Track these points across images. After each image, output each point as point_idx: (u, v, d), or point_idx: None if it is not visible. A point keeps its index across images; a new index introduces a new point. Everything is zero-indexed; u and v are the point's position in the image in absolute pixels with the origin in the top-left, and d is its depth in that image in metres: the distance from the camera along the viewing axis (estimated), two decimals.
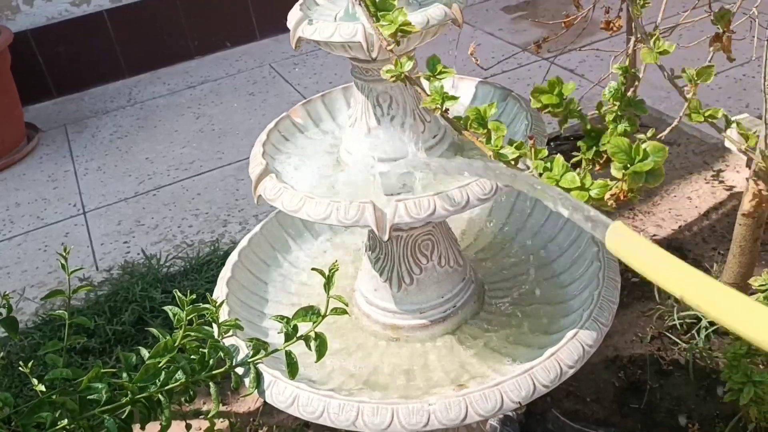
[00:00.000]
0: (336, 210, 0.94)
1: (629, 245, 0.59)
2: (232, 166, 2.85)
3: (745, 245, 1.65)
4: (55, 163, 3.12)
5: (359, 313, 1.22)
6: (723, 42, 1.03)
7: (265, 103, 3.29)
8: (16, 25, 3.44)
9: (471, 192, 0.93)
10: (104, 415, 1.05)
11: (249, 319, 1.20)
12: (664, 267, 0.55)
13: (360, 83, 1.05)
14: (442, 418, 0.95)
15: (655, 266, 0.56)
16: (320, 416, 0.98)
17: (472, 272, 1.23)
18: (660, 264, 0.55)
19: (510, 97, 1.14)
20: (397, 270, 1.15)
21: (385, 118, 1.05)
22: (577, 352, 1.00)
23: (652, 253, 0.56)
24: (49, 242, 2.58)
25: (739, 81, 2.77)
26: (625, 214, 2.20)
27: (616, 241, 0.59)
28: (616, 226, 0.60)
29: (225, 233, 2.44)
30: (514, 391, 0.97)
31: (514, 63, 3.24)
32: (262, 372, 1.04)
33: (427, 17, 0.93)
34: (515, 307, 1.20)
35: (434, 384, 1.07)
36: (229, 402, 1.83)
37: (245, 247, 1.29)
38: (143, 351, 1.09)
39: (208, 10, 3.80)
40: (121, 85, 3.74)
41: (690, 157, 2.40)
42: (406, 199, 0.93)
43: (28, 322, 2.10)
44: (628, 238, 0.59)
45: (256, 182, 1.04)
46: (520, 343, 1.12)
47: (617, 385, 1.71)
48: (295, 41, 0.99)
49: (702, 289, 0.52)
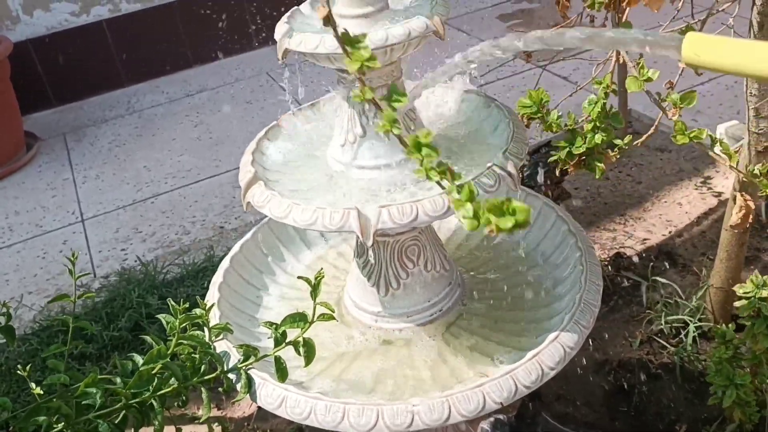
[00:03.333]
0: (321, 216, 0.97)
1: (709, 48, 0.60)
2: (229, 174, 2.88)
3: (731, 251, 1.68)
4: (54, 171, 3.15)
5: (348, 317, 1.25)
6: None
7: (262, 111, 3.33)
8: (15, 34, 3.48)
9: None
10: (98, 420, 1.07)
11: (241, 324, 1.22)
12: (753, 52, 0.56)
13: (346, 93, 1.08)
14: (426, 419, 0.97)
15: (742, 55, 0.57)
16: (307, 417, 1.01)
17: (458, 276, 1.26)
18: (746, 51, 0.57)
19: (494, 105, 1.17)
20: (384, 275, 1.18)
21: (370, 126, 1.08)
22: (558, 354, 1.03)
23: (735, 45, 0.57)
24: (48, 250, 2.61)
25: (729, 88, 2.80)
26: (616, 219, 2.23)
27: (693, 50, 0.60)
28: (691, 36, 0.61)
29: (221, 240, 2.46)
30: (497, 392, 0.99)
31: (508, 71, 3.27)
32: (252, 375, 1.07)
33: (408, 30, 0.96)
34: (500, 310, 1.22)
35: (420, 386, 1.10)
36: (224, 407, 1.86)
37: (237, 253, 1.32)
38: (137, 358, 1.11)
39: (206, 19, 3.84)
40: (119, 94, 3.78)
41: (681, 163, 2.43)
42: (390, 205, 0.96)
43: (26, 329, 2.13)
44: (705, 41, 0.60)
45: (245, 189, 1.07)
46: (504, 345, 1.14)
47: (607, 389, 1.73)
48: (281, 53, 1.02)
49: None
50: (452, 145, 1.13)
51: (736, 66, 0.59)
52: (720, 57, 0.59)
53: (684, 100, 0.88)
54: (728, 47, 0.59)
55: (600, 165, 0.95)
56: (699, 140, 0.87)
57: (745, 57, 0.58)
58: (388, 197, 1.03)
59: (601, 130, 0.87)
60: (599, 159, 0.95)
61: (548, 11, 3.89)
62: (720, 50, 0.59)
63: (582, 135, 0.88)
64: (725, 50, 0.59)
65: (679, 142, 0.88)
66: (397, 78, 1.08)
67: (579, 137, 0.86)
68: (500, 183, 0.99)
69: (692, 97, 0.88)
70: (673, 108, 0.88)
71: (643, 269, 2.01)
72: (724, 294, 1.75)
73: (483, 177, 0.99)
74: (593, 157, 0.94)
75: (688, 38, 0.60)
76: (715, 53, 0.60)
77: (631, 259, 2.05)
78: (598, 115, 0.89)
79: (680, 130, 0.88)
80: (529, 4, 4.06)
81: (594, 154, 0.93)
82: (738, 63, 0.58)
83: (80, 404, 1.09)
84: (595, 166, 0.96)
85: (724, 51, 0.59)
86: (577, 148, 0.83)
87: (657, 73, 0.90)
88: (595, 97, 0.93)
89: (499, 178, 0.99)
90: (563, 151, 0.82)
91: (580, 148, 0.84)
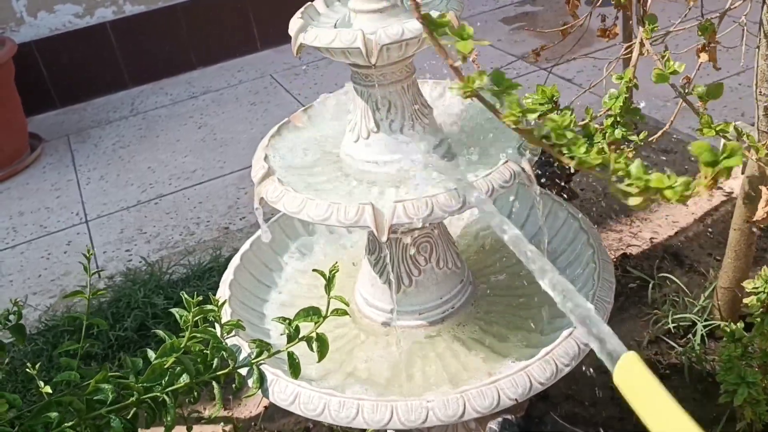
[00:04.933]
0: (336, 211, 0.97)
1: (638, 383, 0.53)
2: (233, 175, 2.88)
3: (740, 250, 1.68)
4: (58, 172, 3.15)
5: (359, 314, 1.24)
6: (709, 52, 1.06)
7: (266, 113, 3.33)
8: (20, 36, 3.48)
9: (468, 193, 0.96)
10: (110, 415, 1.07)
11: (251, 321, 1.22)
12: (670, 422, 0.48)
13: (359, 89, 1.08)
14: (441, 415, 0.97)
15: (660, 417, 0.50)
16: (321, 413, 1.00)
17: (469, 274, 1.25)
18: (667, 418, 0.49)
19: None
20: (396, 272, 1.18)
21: (384, 122, 1.07)
22: (573, 350, 1.02)
23: (663, 402, 0.50)
24: (52, 250, 2.61)
25: (734, 90, 2.80)
26: (623, 220, 2.22)
27: (625, 375, 0.54)
28: (629, 358, 0.54)
29: (226, 241, 2.46)
30: (511, 389, 0.99)
31: (512, 73, 3.27)
32: (264, 372, 1.06)
33: None
34: (512, 308, 1.22)
35: (433, 383, 1.10)
36: (231, 407, 1.85)
37: (247, 251, 1.32)
38: (149, 352, 1.11)
39: (210, 21, 3.84)
40: (123, 95, 3.78)
41: (687, 164, 2.43)
42: (405, 200, 0.95)
43: (32, 329, 2.12)
44: (639, 375, 0.53)
45: (258, 185, 1.06)
46: (517, 343, 1.14)
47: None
48: (296, 48, 1.01)
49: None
50: (466, 139, 1.13)
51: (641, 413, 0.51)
52: (640, 399, 0.52)
53: (710, 93, 0.88)
54: (649, 393, 0.51)
55: None
56: (725, 133, 0.87)
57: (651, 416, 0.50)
58: (402, 193, 1.03)
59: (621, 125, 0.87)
60: None
61: (551, 14, 3.90)
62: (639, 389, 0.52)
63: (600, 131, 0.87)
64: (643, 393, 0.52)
65: (705, 135, 0.88)
66: (410, 74, 1.08)
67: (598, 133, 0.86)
68: (515, 179, 0.99)
69: (719, 91, 0.88)
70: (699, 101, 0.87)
71: (650, 269, 2.01)
72: (732, 294, 1.75)
73: (497, 172, 0.99)
74: None
75: (623, 360, 0.54)
76: (638, 392, 0.52)
77: (638, 260, 2.05)
78: (620, 110, 0.88)
79: (706, 124, 0.87)
80: (532, 7, 4.07)
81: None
82: (653, 423, 0.49)
83: (91, 400, 1.09)
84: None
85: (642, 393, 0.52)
86: (596, 144, 0.83)
87: (683, 66, 0.90)
88: (616, 92, 0.92)
89: (513, 173, 0.99)
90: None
91: (600, 144, 0.83)
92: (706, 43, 1.06)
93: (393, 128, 1.07)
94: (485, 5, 4.14)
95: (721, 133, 0.88)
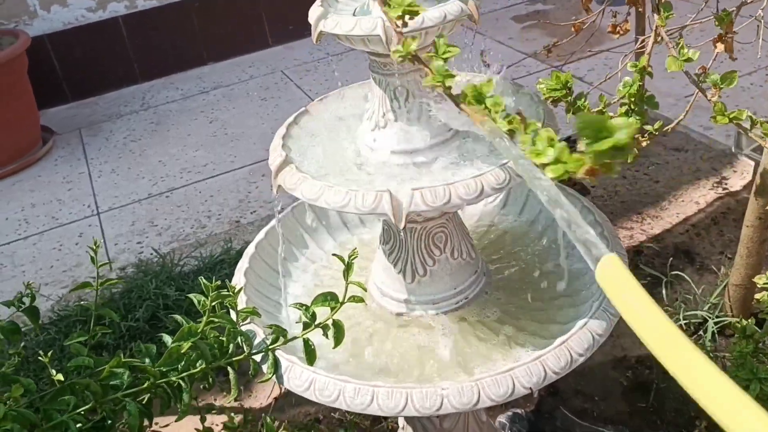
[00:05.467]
0: (354, 198, 0.97)
1: (618, 282, 0.55)
2: (244, 170, 2.89)
3: (752, 247, 1.68)
4: (70, 165, 3.16)
5: (373, 304, 1.25)
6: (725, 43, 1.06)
7: (277, 108, 3.34)
8: (33, 29, 3.50)
9: (485, 181, 0.96)
10: (126, 399, 1.08)
11: (266, 309, 1.23)
12: (647, 318, 0.51)
13: (378, 77, 1.08)
14: (455, 402, 0.97)
15: (638, 314, 0.53)
16: (336, 400, 1.00)
17: (483, 265, 1.26)
18: (643, 313, 0.52)
19: (521, 92, 1.17)
20: (411, 262, 1.18)
21: (401, 111, 1.08)
22: (587, 340, 1.03)
23: (640, 299, 0.53)
24: (64, 242, 2.62)
25: (746, 89, 2.80)
26: (633, 217, 2.22)
27: (606, 274, 0.56)
28: (609, 259, 0.57)
29: (237, 234, 2.47)
30: (526, 377, 0.99)
31: (523, 71, 3.27)
32: (279, 358, 1.07)
33: (444, 12, 0.96)
34: (526, 298, 1.22)
35: (447, 372, 1.10)
36: (242, 398, 1.86)
37: (262, 239, 1.32)
38: (166, 337, 1.12)
39: (221, 17, 3.85)
40: (135, 89, 3.80)
41: (698, 162, 2.43)
42: (422, 188, 0.96)
43: (44, 319, 2.14)
44: (618, 274, 0.55)
45: (275, 173, 1.07)
46: (531, 333, 1.14)
47: (625, 385, 1.73)
48: (316, 35, 1.02)
49: (680, 355, 0.50)
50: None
51: (629, 318, 0.52)
52: (619, 297, 0.53)
53: (724, 80, 0.88)
54: (632, 294, 0.52)
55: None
56: (739, 120, 0.87)
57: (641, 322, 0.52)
58: (419, 181, 1.04)
59: (635, 113, 0.87)
60: None
61: (562, 13, 3.90)
62: (624, 290, 0.53)
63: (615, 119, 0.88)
64: (628, 294, 0.53)
65: (719, 123, 0.88)
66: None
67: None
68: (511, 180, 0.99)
69: (733, 78, 0.88)
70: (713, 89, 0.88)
71: (661, 267, 2.01)
72: (744, 291, 1.75)
73: (490, 174, 0.99)
74: None
75: (604, 260, 0.55)
76: (618, 289, 0.54)
77: (649, 257, 2.05)
78: (634, 98, 0.89)
79: (720, 111, 0.87)
80: (543, 5, 4.07)
81: None
82: (632, 319, 0.51)
83: (106, 385, 1.10)
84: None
85: (627, 294, 0.53)
86: None
87: (697, 54, 0.90)
88: (631, 80, 0.93)
89: (510, 174, 0.99)
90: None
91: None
92: (723, 33, 1.06)
93: (410, 117, 1.08)
94: (497, 3, 4.14)
95: (734, 121, 0.88)
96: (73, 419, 1.07)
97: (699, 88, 0.91)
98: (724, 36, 1.05)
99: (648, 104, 0.90)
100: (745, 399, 0.45)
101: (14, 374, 1.11)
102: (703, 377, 0.47)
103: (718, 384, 0.46)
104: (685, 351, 0.49)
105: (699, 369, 0.48)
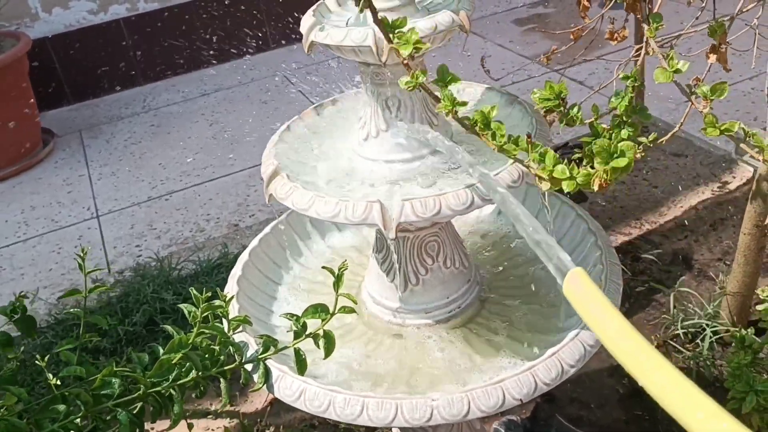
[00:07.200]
0: (344, 208, 0.97)
1: (584, 295, 0.57)
2: (244, 173, 2.89)
3: (749, 255, 1.67)
4: (70, 167, 3.17)
5: (366, 312, 1.25)
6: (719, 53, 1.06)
7: (277, 111, 3.34)
8: (34, 32, 3.50)
9: (476, 192, 0.96)
10: (117, 408, 1.08)
11: (258, 317, 1.22)
12: (614, 329, 0.53)
13: (370, 87, 1.08)
14: (445, 414, 0.97)
15: (604, 326, 0.54)
16: (326, 410, 1.00)
17: (476, 273, 1.26)
18: (610, 325, 0.53)
19: (516, 102, 1.17)
20: (403, 271, 1.18)
21: (393, 121, 1.08)
22: (579, 351, 1.02)
23: (606, 311, 0.54)
24: (63, 245, 2.63)
25: (747, 94, 2.79)
26: (632, 223, 2.22)
27: (572, 288, 0.58)
28: (576, 273, 0.59)
29: (236, 238, 2.47)
30: (516, 388, 0.99)
31: (524, 75, 3.27)
32: (270, 367, 1.07)
33: (435, 23, 0.96)
34: (519, 308, 1.22)
35: (438, 382, 1.10)
36: (237, 403, 1.86)
37: (256, 246, 1.32)
38: (158, 348, 1.12)
39: (222, 19, 3.86)
40: (135, 92, 3.80)
41: (697, 168, 2.42)
42: (413, 199, 0.96)
43: (42, 322, 2.14)
44: (585, 288, 0.57)
45: (267, 181, 1.07)
46: (522, 342, 1.14)
47: (621, 392, 1.72)
48: (307, 45, 1.02)
49: (645, 365, 0.51)
50: (475, 140, 1.13)
51: (596, 329, 0.55)
52: (586, 309, 0.56)
53: (714, 92, 0.87)
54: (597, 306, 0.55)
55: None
56: (730, 132, 0.86)
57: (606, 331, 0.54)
58: (410, 191, 1.03)
59: (627, 125, 0.87)
60: None
61: (563, 16, 3.89)
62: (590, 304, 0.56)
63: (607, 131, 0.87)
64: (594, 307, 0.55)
65: (709, 135, 0.88)
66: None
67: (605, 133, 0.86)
68: (523, 178, 0.99)
69: (723, 89, 0.88)
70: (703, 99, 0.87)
71: (659, 273, 2.00)
72: (742, 299, 1.74)
73: (505, 172, 0.99)
74: None
75: (571, 274, 0.57)
76: (584, 302, 0.56)
77: (647, 263, 2.05)
78: (625, 109, 0.88)
79: (710, 123, 0.87)
80: (544, 8, 4.06)
81: None
82: (599, 331, 0.54)
83: (98, 394, 1.10)
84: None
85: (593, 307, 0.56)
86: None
87: (687, 65, 0.90)
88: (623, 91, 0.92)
89: (522, 173, 0.99)
90: (588, 147, 0.82)
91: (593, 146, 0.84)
92: (717, 44, 1.05)
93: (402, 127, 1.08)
94: (498, 6, 4.13)
95: (725, 133, 0.87)
96: (64, 428, 1.07)
97: (690, 99, 0.90)
98: (717, 47, 1.05)
99: (640, 116, 0.90)
100: (707, 403, 0.47)
101: (11, 378, 1.11)
102: (669, 384, 0.49)
103: (684, 390, 0.48)
104: (651, 359, 0.50)
105: (664, 375, 0.49)
